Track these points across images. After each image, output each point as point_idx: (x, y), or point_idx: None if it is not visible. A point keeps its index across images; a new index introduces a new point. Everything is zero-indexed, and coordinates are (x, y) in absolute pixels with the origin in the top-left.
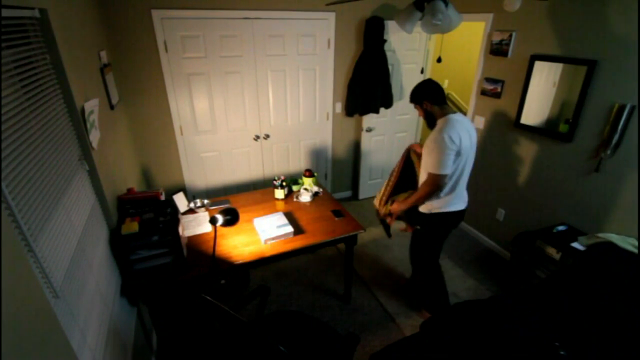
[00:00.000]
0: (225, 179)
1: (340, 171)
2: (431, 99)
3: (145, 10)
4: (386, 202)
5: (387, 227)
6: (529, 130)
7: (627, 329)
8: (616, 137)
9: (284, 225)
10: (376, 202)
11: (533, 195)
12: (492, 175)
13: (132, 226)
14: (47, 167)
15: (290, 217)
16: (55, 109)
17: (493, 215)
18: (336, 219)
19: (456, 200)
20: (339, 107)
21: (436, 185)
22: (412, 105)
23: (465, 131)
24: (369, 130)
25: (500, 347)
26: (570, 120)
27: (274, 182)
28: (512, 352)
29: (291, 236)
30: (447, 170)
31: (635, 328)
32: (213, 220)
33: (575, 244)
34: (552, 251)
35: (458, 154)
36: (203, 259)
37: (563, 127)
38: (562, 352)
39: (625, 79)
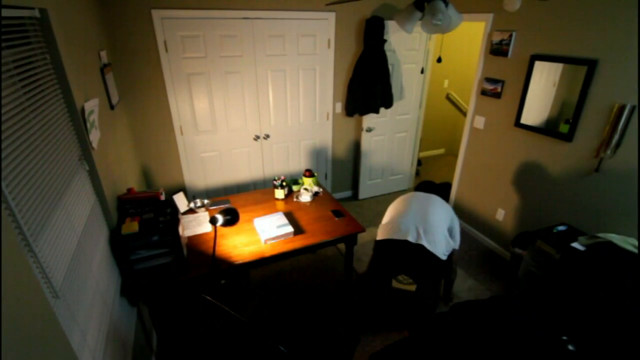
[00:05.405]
0: (225, 179)
1: (340, 171)
2: None
3: (145, 10)
4: None
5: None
6: (529, 130)
7: (627, 328)
8: (616, 137)
9: (284, 225)
10: None
11: (533, 195)
12: (492, 175)
13: (132, 226)
14: (47, 167)
15: (291, 217)
16: (55, 109)
17: (493, 215)
18: (336, 219)
19: (391, 231)
20: (339, 107)
21: None
22: (412, 105)
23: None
24: (369, 130)
25: (502, 345)
26: (571, 120)
27: (274, 182)
28: (516, 350)
29: (291, 236)
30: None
31: (636, 328)
32: (213, 220)
33: (575, 244)
34: (552, 251)
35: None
36: (203, 259)
37: (563, 127)
38: (570, 347)
39: (625, 79)
